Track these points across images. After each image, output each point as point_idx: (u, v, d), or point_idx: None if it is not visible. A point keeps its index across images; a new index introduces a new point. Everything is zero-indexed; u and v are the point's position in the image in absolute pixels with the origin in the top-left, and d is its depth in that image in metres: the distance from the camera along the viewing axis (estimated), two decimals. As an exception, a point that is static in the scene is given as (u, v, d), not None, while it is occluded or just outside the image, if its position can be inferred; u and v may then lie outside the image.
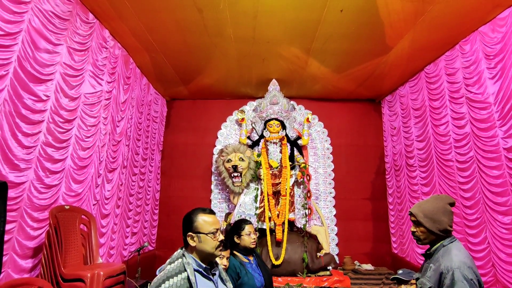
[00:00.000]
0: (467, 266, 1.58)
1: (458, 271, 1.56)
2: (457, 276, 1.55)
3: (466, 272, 1.56)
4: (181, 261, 1.53)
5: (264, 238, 4.33)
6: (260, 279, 2.39)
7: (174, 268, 1.50)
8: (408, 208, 4.62)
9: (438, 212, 1.76)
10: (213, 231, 1.57)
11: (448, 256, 1.65)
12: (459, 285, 1.53)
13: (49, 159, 2.74)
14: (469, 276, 1.55)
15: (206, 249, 1.56)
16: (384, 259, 5.14)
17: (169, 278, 1.45)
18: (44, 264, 2.44)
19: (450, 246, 1.72)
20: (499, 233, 3.10)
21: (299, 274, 4.20)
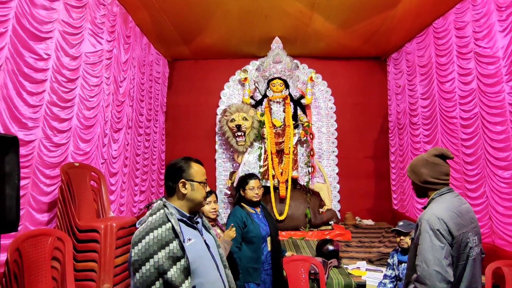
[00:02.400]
0: (437, 217, 1.54)
1: (425, 222, 1.56)
2: (423, 226, 1.55)
3: (433, 223, 1.53)
4: (163, 211, 1.45)
5: (268, 195, 4.47)
6: (266, 229, 2.53)
7: (156, 220, 1.42)
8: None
9: (418, 165, 1.76)
10: (204, 181, 1.57)
11: (428, 209, 1.66)
12: (423, 235, 1.54)
13: (56, 118, 2.78)
14: (435, 227, 1.52)
15: (197, 198, 1.52)
16: (384, 215, 5.32)
17: (152, 230, 1.38)
18: (60, 217, 2.58)
19: (437, 198, 1.70)
20: (498, 187, 3.17)
21: (302, 229, 4.39)
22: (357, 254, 3.57)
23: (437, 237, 1.50)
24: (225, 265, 1.61)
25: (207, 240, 1.55)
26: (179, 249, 1.37)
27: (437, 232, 1.51)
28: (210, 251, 1.53)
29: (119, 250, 2.58)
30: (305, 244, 3.79)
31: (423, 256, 1.50)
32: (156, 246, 1.35)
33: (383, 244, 3.87)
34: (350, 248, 3.80)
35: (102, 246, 2.43)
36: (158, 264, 1.33)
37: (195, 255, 1.42)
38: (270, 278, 2.50)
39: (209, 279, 1.46)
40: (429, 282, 1.45)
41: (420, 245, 1.54)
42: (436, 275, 1.44)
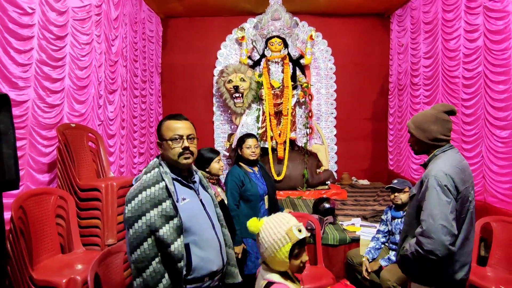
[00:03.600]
0: (444, 173, 1.56)
1: (433, 178, 1.57)
2: (431, 182, 1.57)
3: (441, 179, 1.55)
4: (158, 170, 1.45)
5: (266, 156, 4.51)
6: (263, 188, 2.59)
7: (150, 178, 1.42)
8: (408, 127, 4.70)
9: (427, 121, 1.72)
10: (175, 137, 1.45)
11: (433, 165, 1.66)
12: (431, 190, 1.56)
13: (47, 78, 2.71)
14: (443, 183, 1.54)
15: (169, 157, 1.47)
16: (380, 175, 5.42)
17: (146, 189, 1.39)
18: (61, 177, 2.60)
19: (441, 155, 1.70)
20: (494, 147, 3.20)
21: (299, 188, 4.49)
22: (352, 212, 3.69)
23: (445, 192, 1.53)
24: (222, 224, 1.63)
25: (203, 200, 1.55)
26: (172, 208, 1.38)
27: (445, 187, 1.53)
28: (206, 210, 1.54)
29: (121, 208, 2.64)
30: (302, 203, 3.89)
31: (429, 211, 1.53)
32: (149, 204, 1.36)
33: (377, 202, 3.99)
34: (345, 206, 3.91)
35: (104, 204, 2.48)
36: (150, 222, 1.34)
37: (189, 214, 1.43)
38: None
39: (204, 237, 1.47)
40: (434, 236, 1.49)
41: (427, 201, 1.56)
42: (442, 229, 1.49)
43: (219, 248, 1.53)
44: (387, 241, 2.75)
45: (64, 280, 1.97)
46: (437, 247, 1.47)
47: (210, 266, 1.47)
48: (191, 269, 1.41)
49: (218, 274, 1.52)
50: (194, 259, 1.42)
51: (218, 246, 1.53)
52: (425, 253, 1.51)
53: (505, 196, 3.02)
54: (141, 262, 1.35)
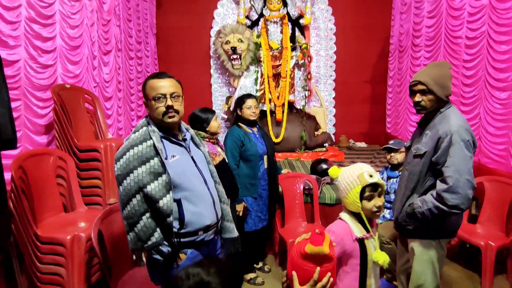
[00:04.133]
0: (465, 128, 1.63)
1: (456, 134, 1.60)
2: (455, 138, 1.60)
3: (463, 134, 1.61)
4: (146, 129, 1.46)
5: (264, 119, 4.50)
6: (263, 148, 2.61)
7: (138, 137, 1.44)
8: (407, 90, 4.62)
9: (445, 77, 1.73)
10: (158, 96, 1.43)
11: (446, 122, 1.68)
12: (456, 146, 1.59)
13: (38, 37, 2.61)
14: (466, 138, 1.60)
15: (154, 116, 1.46)
16: (377, 138, 5.45)
17: (133, 147, 1.41)
18: (59, 139, 2.60)
19: (448, 112, 1.73)
20: (492, 109, 3.19)
21: (297, 150, 4.53)
22: (349, 173, 3.75)
23: (467, 147, 1.58)
24: (216, 181, 1.66)
25: (194, 157, 1.57)
26: (160, 165, 1.40)
27: (468, 142, 1.59)
28: (198, 166, 1.56)
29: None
30: (300, 164, 3.95)
31: (456, 167, 1.57)
32: (136, 162, 1.39)
33: (374, 164, 4.05)
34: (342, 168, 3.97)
35: (104, 165, 2.51)
36: (138, 178, 1.38)
37: (179, 171, 1.45)
38: (266, 192, 2.66)
39: (195, 192, 1.50)
40: (461, 191, 1.54)
41: (452, 157, 1.59)
42: (467, 183, 1.55)
43: (212, 203, 1.56)
44: (381, 200, 2.82)
45: (68, 237, 2.04)
46: (463, 201, 1.54)
47: (203, 221, 1.50)
48: (184, 223, 1.46)
49: (212, 228, 1.56)
50: (186, 214, 1.46)
51: (211, 201, 1.56)
52: (449, 208, 1.56)
53: (499, 157, 3.06)
54: (131, 217, 1.40)
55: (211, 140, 2.37)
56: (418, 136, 1.86)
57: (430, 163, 1.68)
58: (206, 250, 1.57)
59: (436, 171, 1.69)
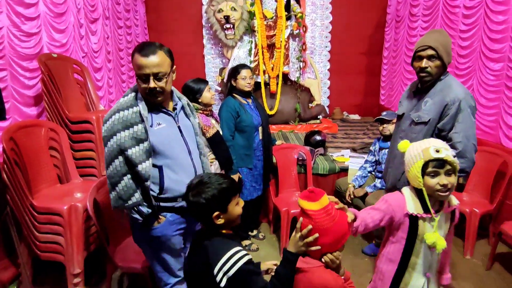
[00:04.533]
0: (470, 95, 1.69)
1: (464, 101, 1.65)
2: (463, 105, 1.64)
3: (470, 100, 1.67)
4: (134, 95, 1.47)
5: (259, 91, 4.45)
6: (258, 119, 2.61)
7: (126, 101, 1.46)
8: (402, 61, 4.62)
9: (450, 44, 1.75)
10: (140, 75, 1.40)
11: (451, 89, 1.69)
12: (465, 112, 1.64)
13: (19, 3, 2.49)
14: (472, 104, 1.67)
15: (140, 92, 1.48)
16: (371, 110, 5.47)
17: (119, 111, 1.44)
18: (49, 110, 2.55)
19: (449, 79, 1.75)
20: (485, 80, 3.19)
21: (292, 122, 4.54)
22: (342, 144, 3.80)
23: (473, 113, 1.65)
24: (201, 152, 1.68)
25: (182, 127, 1.58)
26: (144, 132, 1.43)
27: (474, 109, 1.66)
28: (184, 136, 1.58)
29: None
30: (294, 136, 3.97)
31: (464, 133, 1.63)
32: (121, 125, 1.42)
33: (367, 135, 4.09)
34: (336, 139, 4.01)
35: (98, 136, 2.48)
36: (120, 141, 1.42)
37: (162, 139, 1.49)
38: (261, 163, 2.70)
39: (178, 161, 1.54)
40: (468, 155, 1.62)
41: (461, 123, 1.65)
42: (473, 148, 1.63)
43: (194, 173, 1.59)
44: (373, 170, 2.88)
45: (65, 207, 2.06)
46: (469, 164, 1.63)
47: (183, 188, 1.47)
48: (163, 189, 1.52)
49: None
50: (166, 181, 1.51)
51: (193, 171, 1.59)
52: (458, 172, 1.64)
53: (489, 128, 3.11)
54: (113, 177, 1.46)
55: (204, 111, 2.34)
56: (415, 104, 1.85)
57: (434, 130, 1.71)
58: (187, 216, 1.62)
59: (440, 138, 1.71)
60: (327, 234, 1.14)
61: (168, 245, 1.60)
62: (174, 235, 1.60)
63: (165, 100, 1.54)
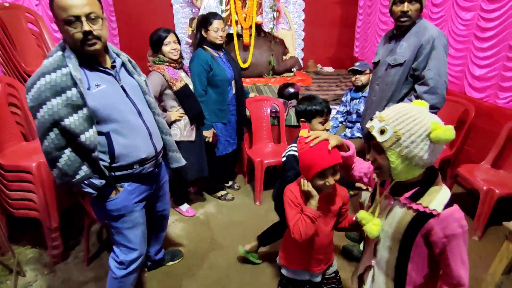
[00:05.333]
0: (443, 35, 1.74)
1: (438, 39, 1.70)
2: (437, 42, 1.70)
3: (443, 39, 1.72)
4: (61, 54, 1.24)
5: (231, 43, 4.30)
6: (230, 72, 2.53)
7: (51, 63, 1.23)
8: (378, 11, 4.55)
9: None
10: (69, 19, 1.18)
11: (426, 30, 1.77)
12: (438, 49, 1.70)
13: None
14: (445, 42, 1.73)
15: (69, 43, 1.25)
16: (344, 62, 5.46)
17: (45, 75, 1.21)
18: (4, 63, 2.37)
19: (423, 22, 1.82)
20: (456, 30, 3.23)
21: (265, 76, 4.48)
22: (315, 97, 3.82)
23: (446, 51, 1.70)
24: (155, 112, 1.55)
25: (126, 86, 1.41)
26: (80, 97, 1.23)
27: (447, 47, 1.71)
28: (130, 97, 1.42)
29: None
30: (268, 89, 3.94)
31: (437, 70, 1.69)
32: (49, 92, 1.20)
33: (339, 87, 4.13)
34: (309, 92, 4.02)
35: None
36: (52, 111, 1.21)
37: (105, 102, 1.32)
38: (234, 117, 2.70)
39: (127, 124, 1.39)
40: (439, 91, 1.68)
41: (435, 60, 1.70)
42: (445, 85, 1.69)
43: (149, 135, 1.47)
44: (344, 120, 2.97)
45: (34, 164, 2.01)
46: (440, 100, 1.70)
47: (137, 153, 1.43)
48: (115, 157, 1.38)
49: (149, 160, 1.50)
50: (116, 148, 1.37)
51: (147, 133, 1.47)
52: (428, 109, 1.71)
53: (455, 78, 3.22)
54: (50, 153, 1.28)
55: (171, 64, 2.23)
56: (391, 49, 1.93)
57: (409, 70, 1.77)
58: (148, 182, 1.56)
59: (414, 78, 1.81)
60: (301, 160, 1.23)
61: (129, 218, 1.50)
62: (135, 206, 1.52)
63: (101, 55, 1.35)
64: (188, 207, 2.72)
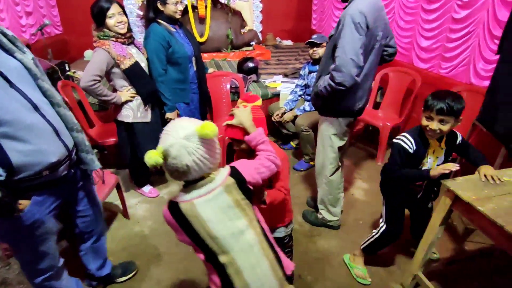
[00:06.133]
0: (359, 11, 1.62)
1: (348, 16, 1.64)
2: (346, 21, 1.65)
3: (356, 17, 1.61)
4: None
5: (186, 15, 4.11)
6: (190, 48, 2.39)
7: None
8: (332, -18, 4.55)
9: None
10: None
11: (350, 5, 1.70)
12: (346, 28, 1.64)
13: None
14: (357, 20, 1.61)
15: None
16: (303, 35, 5.49)
17: None
18: None
19: None
20: (405, 2, 3.33)
21: (224, 50, 4.38)
22: (274, 71, 3.84)
23: (357, 29, 1.63)
24: (53, 102, 1.22)
25: (7, 72, 1.07)
26: None
27: (358, 25, 1.62)
28: (15, 86, 1.08)
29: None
30: (227, 64, 3.88)
31: (343, 48, 1.65)
32: None
33: (298, 61, 4.18)
34: (268, 66, 4.03)
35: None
36: None
37: None
38: (197, 96, 2.59)
39: (21, 125, 1.08)
40: (345, 70, 1.65)
41: (342, 38, 1.66)
42: (352, 62, 1.64)
43: (55, 133, 1.19)
44: (303, 94, 3.03)
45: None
46: (346, 78, 1.67)
47: (45, 158, 1.15)
48: (14, 168, 1.08)
49: (63, 163, 1.25)
50: (13, 157, 1.07)
51: (51, 130, 1.18)
52: (336, 85, 1.71)
53: (404, 49, 3.38)
54: None
55: (119, 39, 2.03)
56: None
57: (334, 45, 1.78)
58: (65, 187, 1.32)
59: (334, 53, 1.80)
60: None
61: (42, 231, 1.26)
62: (48, 217, 1.27)
63: None
64: (151, 188, 2.67)
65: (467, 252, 2.10)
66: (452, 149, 1.61)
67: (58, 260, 1.41)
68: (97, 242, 1.67)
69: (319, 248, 2.13)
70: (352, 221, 2.36)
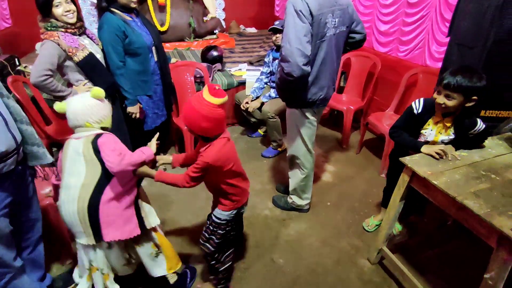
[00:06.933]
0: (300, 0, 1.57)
1: (290, 4, 1.59)
2: (288, 9, 1.60)
3: (297, 5, 1.57)
4: None
5: (145, 3, 3.94)
6: (149, 38, 2.29)
7: None
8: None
9: None
10: None
11: None
12: (288, 17, 1.60)
13: None
14: (298, 8, 1.57)
15: None
16: (267, 22, 5.45)
17: None
18: None
19: None
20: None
21: (187, 39, 4.27)
22: (239, 59, 3.81)
23: (300, 17, 1.58)
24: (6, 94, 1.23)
25: None
26: None
27: (300, 12, 1.57)
28: None
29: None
30: (190, 54, 3.79)
31: (287, 37, 1.61)
32: None
33: (263, 48, 4.17)
34: (233, 54, 3.99)
35: None
36: None
37: None
38: (160, 87, 2.50)
39: None
40: (291, 59, 1.60)
41: (285, 27, 1.62)
42: (297, 52, 1.59)
43: (4, 124, 1.20)
44: (269, 81, 3.04)
45: None
46: (293, 68, 1.61)
47: None
48: None
49: (10, 155, 1.23)
50: None
51: (1, 120, 1.19)
52: (285, 75, 1.67)
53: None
54: None
55: (68, 30, 1.90)
56: None
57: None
58: (10, 184, 1.28)
59: None
60: None
61: None
62: None
63: None
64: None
65: (426, 224, 2.25)
66: (462, 132, 1.61)
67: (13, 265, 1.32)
68: (33, 253, 1.54)
69: (290, 232, 2.18)
70: (321, 203, 2.44)
